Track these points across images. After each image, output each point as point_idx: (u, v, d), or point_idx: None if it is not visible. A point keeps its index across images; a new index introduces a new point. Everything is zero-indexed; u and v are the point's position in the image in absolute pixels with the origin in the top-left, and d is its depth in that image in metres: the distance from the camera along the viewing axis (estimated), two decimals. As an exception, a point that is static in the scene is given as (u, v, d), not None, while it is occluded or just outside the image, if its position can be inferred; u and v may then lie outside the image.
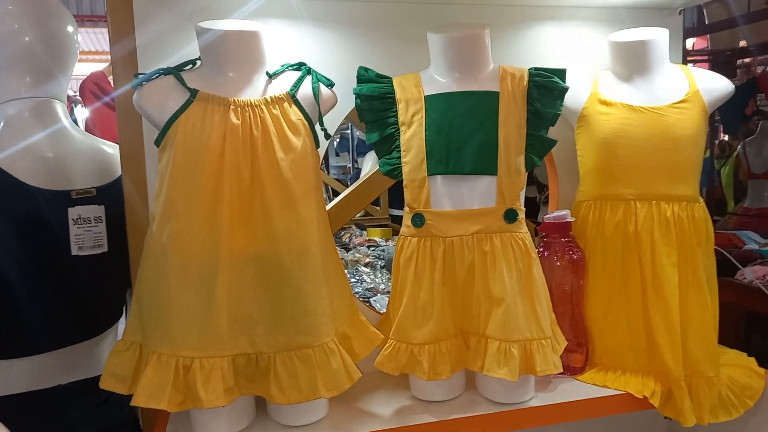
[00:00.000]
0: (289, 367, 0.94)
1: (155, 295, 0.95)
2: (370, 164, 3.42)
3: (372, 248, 2.70)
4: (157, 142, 0.98)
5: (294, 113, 1.00)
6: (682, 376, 1.05)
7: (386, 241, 2.97)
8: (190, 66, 1.03)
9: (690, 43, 4.61)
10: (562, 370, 1.00)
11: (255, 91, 1.00)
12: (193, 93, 0.96)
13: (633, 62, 1.18)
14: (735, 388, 1.11)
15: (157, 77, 0.98)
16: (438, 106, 1.06)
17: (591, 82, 1.22)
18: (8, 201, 1.10)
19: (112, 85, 1.80)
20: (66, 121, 1.22)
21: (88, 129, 2.10)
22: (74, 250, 1.16)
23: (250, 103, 0.97)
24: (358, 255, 2.48)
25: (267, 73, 1.03)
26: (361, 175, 3.40)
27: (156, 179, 0.98)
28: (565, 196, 1.32)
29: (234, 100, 0.96)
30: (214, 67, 1.00)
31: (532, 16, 1.28)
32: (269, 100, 0.98)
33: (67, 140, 1.20)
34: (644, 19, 1.33)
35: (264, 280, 0.95)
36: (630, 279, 1.13)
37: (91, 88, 1.85)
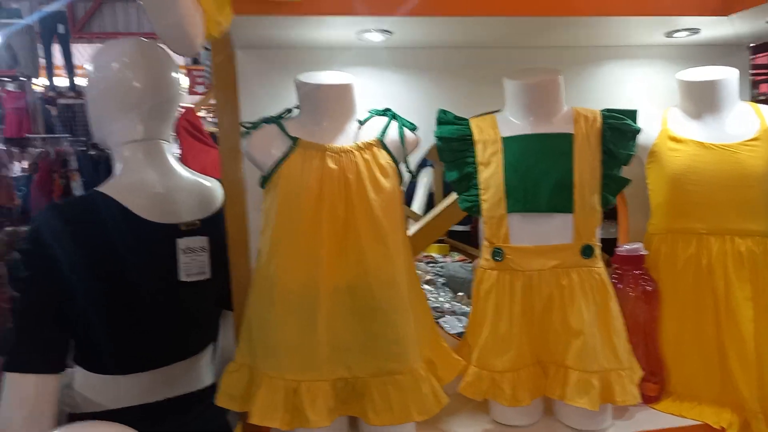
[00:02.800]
0: (382, 391, 1.03)
1: (263, 323, 1.06)
2: (424, 180, 3.52)
3: (431, 264, 2.78)
4: (262, 184, 1.09)
5: (383, 157, 1.09)
6: (759, 408, 1.08)
7: (444, 257, 3.04)
8: (288, 113, 1.14)
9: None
10: (641, 401, 1.05)
11: (347, 137, 1.10)
12: (295, 141, 1.07)
13: (703, 101, 1.22)
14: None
15: (262, 126, 1.10)
16: (515, 147, 1.13)
17: (661, 119, 1.27)
18: (127, 233, 1.23)
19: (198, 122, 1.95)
20: (172, 159, 1.35)
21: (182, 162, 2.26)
22: (182, 277, 1.29)
23: (344, 149, 1.07)
24: (419, 272, 2.56)
25: (358, 121, 1.13)
26: (417, 189, 3.49)
27: (256, 215, 1.08)
28: (634, 228, 1.37)
29: (330, 147, 1.07)
30: (311, 116, 1.11)
31: (601, 56, 1.34)
32: (361, 145, 1.08)
33: (174, 177, 1.33)
34: (711, 55, 1.36)
35: (357, 310, 1.04)
36: (703, 311, 1.16)
37: (184, 125, 2.01)
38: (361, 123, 1.13)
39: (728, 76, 1.21)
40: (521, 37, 1.24)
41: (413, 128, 1.15)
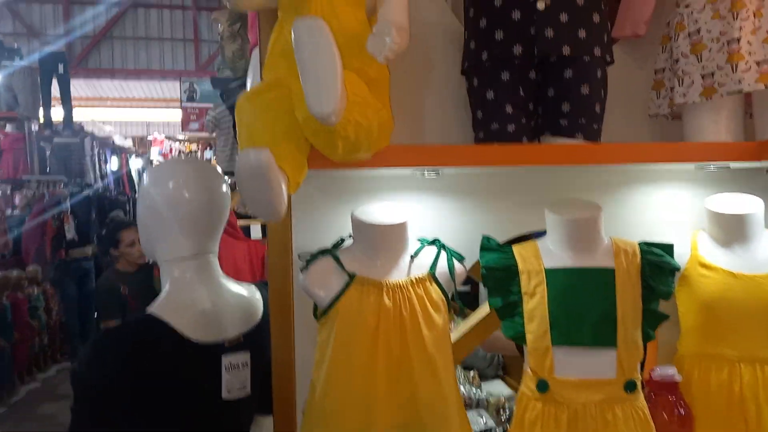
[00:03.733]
0: None
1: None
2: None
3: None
4: (317, 317, 1.12)
5: (435, 291, 1.13)
6: None
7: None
8: (341, 243, 1.18)
9: None
10: None
11: (401, 271, 1.14)
12: (352, 277, 1.10)
13: (732, 232, 1.28)
14: None
15: (319, 259, 1.13)
16: (558, 280, 1.18)
17: (690, 243, 1.32)
18: (176, 356, 1.24)
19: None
20: (219, 273, 1.37)
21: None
22: (224, 394, 1.29)
23: (399, 284, 1.11)
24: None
25: (410, 255, 1.17)
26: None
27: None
28: (661, 342, 1.41)
29: (386, 283, 1.11)
30: (366, 251, 1.15)
31: (631, 178, 1.40)
32: (414, 281, 1.12)
33: (221, 292, 1.34)
34: (737, 178, 1.42)
35: None
36: (737, 437, 1.20)
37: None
38: (413, 256, 1.17)
39: (756, 209, 1.27)
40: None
41: (461, 259, 1.19)
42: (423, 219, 1.30)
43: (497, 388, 2.10)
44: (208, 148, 9.91)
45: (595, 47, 1.13)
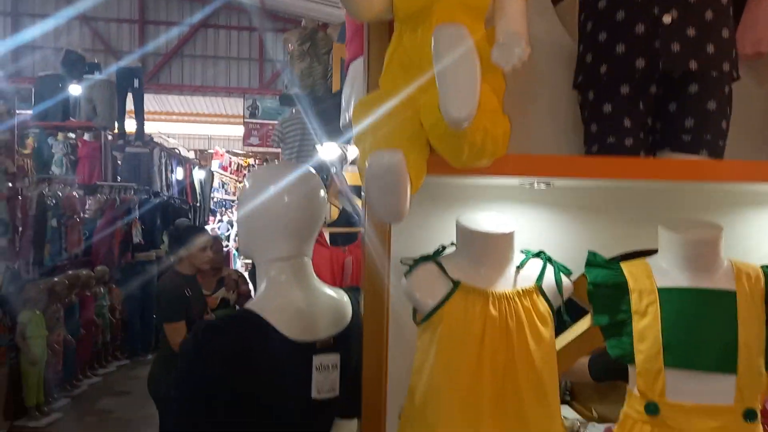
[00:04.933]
0: None
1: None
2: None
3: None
4: (419, 322, 1.12)
5: (542, 304, 1.11)
6: None
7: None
8: (442, 250, 1.18)
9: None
10: None
11: (507, 282, 1.12)
12: (456, 284, 1.10)
13: None
14: None
15: (422, 264, 1.13)
16: (673, 300, 1.13)
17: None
18: (270, 349, 1.27)
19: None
20: (313, 275, 1.39)
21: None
22: (314, 394, 1.31)
23: (506, 295, 1.09)
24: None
25: (516, 266, 1.15)
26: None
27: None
28: None
29: (492, 293, 1.09)
30: (471, 259, 1.14)
31: (749, 201, 1.35)
32: (521, 292, 1.10)
33: (314, 293, 1.37)
34: None
35: None
36: None
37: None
38: (519, 267, 1.15)
39: None
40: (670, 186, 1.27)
41: (569, 273, 1.17)
42: (527, 231, 1.28)
43: (564, 412, 2.04)
44: (265, 162, 10.22)
45: (723, 63, 1.10)
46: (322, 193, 1.40)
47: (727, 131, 1.14)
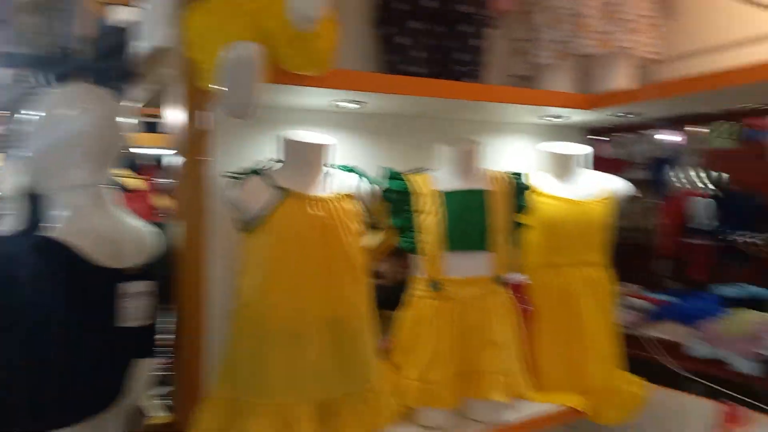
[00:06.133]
0: (356, 408, 1.25)
1: (254, 356, 1.18)
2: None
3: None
4: (246, 229, 1.21)
5: (353, 205, 1.31)
6: (602, 389, 1.55)
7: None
8: (269, 166, 1.28)
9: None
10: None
11: (323, 187, 1.29)
12: (285, 192, 1.22)
13: (561, 168, 1.68)
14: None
15: (250, 176, 1.22)
16: (448, 200, 1.43)
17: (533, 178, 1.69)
18: (72, 275, 1.20)
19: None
20: (113, 204, 1.33)
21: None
22: (119, 322, 1.28)
23: (323, 198, 1.26)
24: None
25: (328, 173, 1.32)
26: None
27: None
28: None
29: (312, 196, 1.24)
30: (295, 169, 1.27)
31: (492, 129, 1.74)
32: (338, 197, 1.29)
33: (119, 221, 1.32)
34: (564, 132, 1.86)
35: (337, 339, 1.24)
36: (567, 323, 1.60)
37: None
38: (332, 175, 1.32)
39: (578, 152, 1.68)
40: (447, 112, 1.58)
41: (378, 183, 1.38)
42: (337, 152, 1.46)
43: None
44: None
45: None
46: (119, 117, 1.34)
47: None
